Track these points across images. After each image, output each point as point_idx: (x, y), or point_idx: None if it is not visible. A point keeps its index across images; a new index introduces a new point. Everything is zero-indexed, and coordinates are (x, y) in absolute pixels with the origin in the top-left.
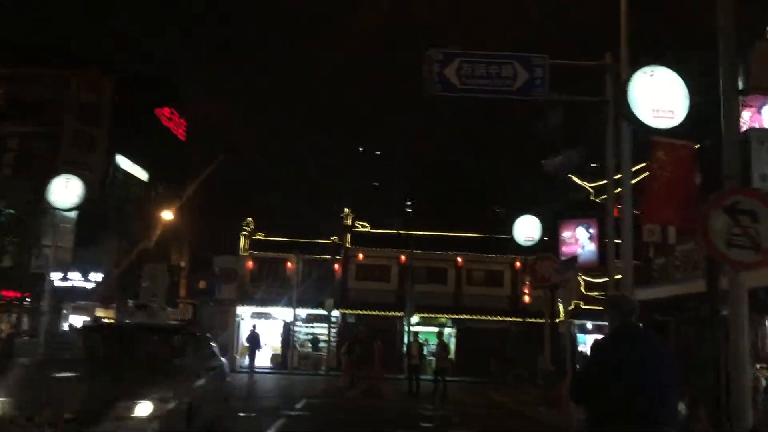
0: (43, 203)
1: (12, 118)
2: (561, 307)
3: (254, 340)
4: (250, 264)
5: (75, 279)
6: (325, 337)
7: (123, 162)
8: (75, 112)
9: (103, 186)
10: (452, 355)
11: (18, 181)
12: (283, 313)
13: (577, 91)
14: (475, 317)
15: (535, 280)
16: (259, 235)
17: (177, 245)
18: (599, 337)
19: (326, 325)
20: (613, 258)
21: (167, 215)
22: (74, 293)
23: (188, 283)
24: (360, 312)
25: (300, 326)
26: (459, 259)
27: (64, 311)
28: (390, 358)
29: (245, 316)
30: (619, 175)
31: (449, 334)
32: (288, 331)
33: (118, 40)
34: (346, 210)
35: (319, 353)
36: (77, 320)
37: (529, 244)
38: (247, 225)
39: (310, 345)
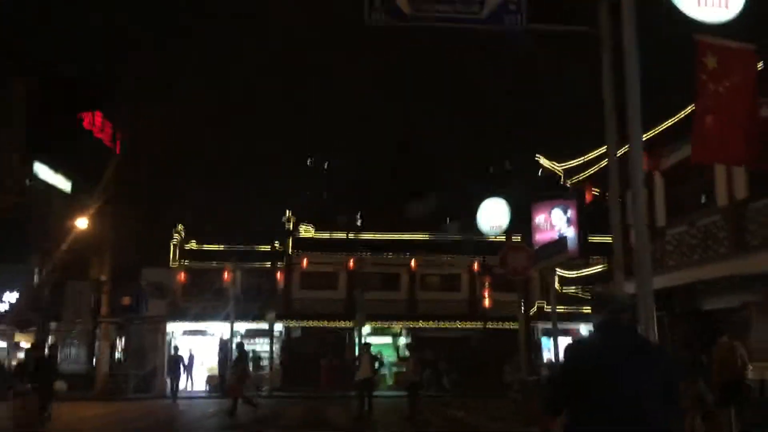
0: None
1: None
2: (521, 309)
3: (175, 364)
4: (181, 276)
5: None
6: (267, 354)
7: (42, 171)
8: None
9: (20, 196)
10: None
11: None
12: (219, 329)
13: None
14: (431, 325)
15: (508, 273)
16: (192, 244)
17: (96, 258)
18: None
19: (268, 339)
20: (620, 240)
21: (81, 223)
22: None
23: (110, 299)
24: (306, 324)
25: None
26: (412, 263)
27: None
28: (341, 374)
29: (177, 333)
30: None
31: (404, 345)
32: (225, 348)
33: (37, 39)
34: (287, 213)
35: (261, 372)
36: None
37: (495, 232)
38: (178, 233)
39: (251, 363)
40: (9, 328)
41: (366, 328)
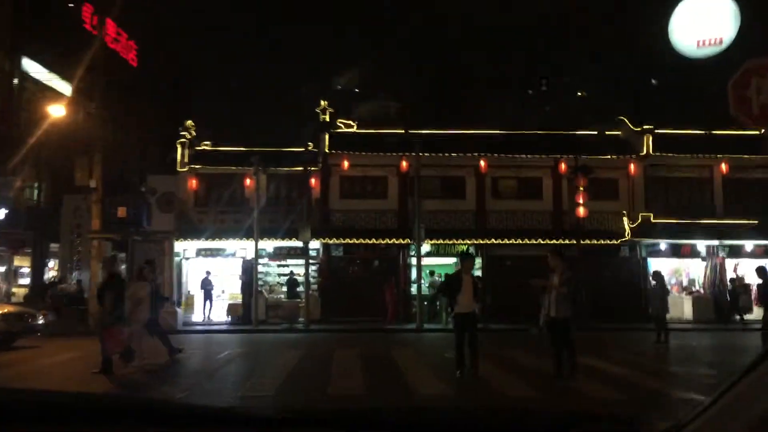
0: None
1: None
2: (626, 221)
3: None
4: (192, 183)
5: None
6: (302, 278)
7: (33, 68)
8: None
9: (8, 98)
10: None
11: None
12: (241, 248)
13: None
14: (505, 242)
15: (748, 121)
16: (205, 145)
17: (84, 160)
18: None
19: (303, 261)
20: None
21: (56, 111)
22: None
23: (103, 210)
24: (348, 241)
25: (267, 265)
26: (482, 163)
27: None
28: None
29: (189, 253)
30: None
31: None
32: (250, 271)
33: None
34: (322, 103)
35: (296, 300)
36: None
37: (708, 52)
38: (187, 130)
39: (283, 289)
40: (2, 249)
41: (424, 247)
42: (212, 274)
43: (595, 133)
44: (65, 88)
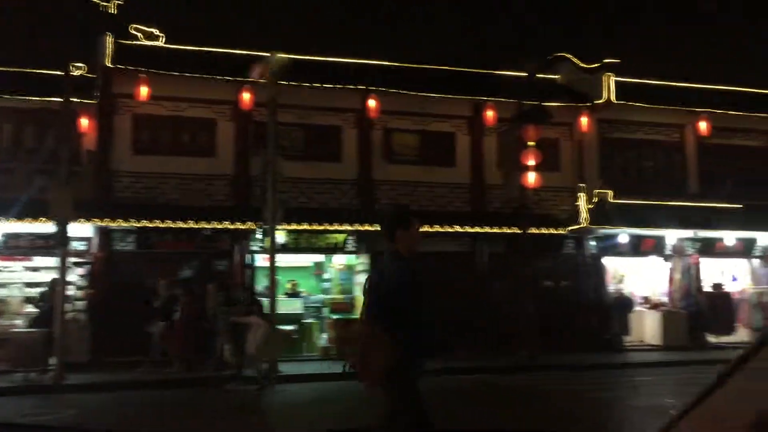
0: None
1: None
2: (583, 201)
3: None
4: None
5: None
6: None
7: None
8: None
9: None
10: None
11: None
12: None
13: None
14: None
15: None
16: None
17: None
18: None
19: (58, 260)
20: None
21: None
22: None
23: None
24: (146, 224)
25: None
26: (369, 105)
27: None
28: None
29: None
30: None
31: (348, 268)
32: None
33: None
34: None
35: (44, 330)
36: None
37: None
38: None
39: (29, 309)
40: None
41: (279, 235)
42: None
43: (525, 74)
44: None
